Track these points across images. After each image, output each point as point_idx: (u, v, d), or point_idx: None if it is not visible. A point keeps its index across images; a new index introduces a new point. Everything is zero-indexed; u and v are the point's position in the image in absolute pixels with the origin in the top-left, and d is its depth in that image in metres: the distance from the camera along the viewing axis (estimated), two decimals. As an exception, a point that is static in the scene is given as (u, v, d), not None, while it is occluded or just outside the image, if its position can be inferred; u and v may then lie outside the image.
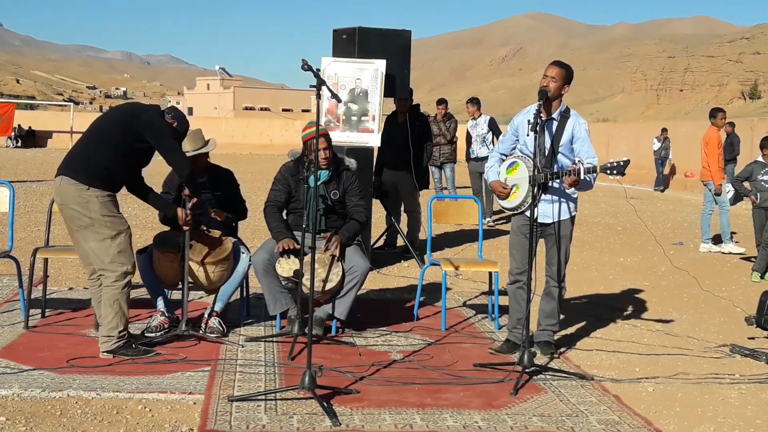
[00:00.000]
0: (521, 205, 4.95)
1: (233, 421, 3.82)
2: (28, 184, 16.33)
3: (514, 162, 5.05)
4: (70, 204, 4.66)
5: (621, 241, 10.43)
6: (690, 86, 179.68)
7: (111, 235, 4.66)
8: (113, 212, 4.71)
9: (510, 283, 5.14)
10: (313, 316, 4.59)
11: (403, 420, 3.92)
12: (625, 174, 4.66)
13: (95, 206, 4.63)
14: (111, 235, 4.66)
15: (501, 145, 5.24)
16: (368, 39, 7.55)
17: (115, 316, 4.69)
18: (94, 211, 4.63)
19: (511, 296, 5.15)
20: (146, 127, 4.75)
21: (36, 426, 3.70)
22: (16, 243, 6.23)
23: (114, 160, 4.71)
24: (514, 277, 5.09)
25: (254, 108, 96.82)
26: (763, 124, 19.71)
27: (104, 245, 4.66)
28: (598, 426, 3.93)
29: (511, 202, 5.02)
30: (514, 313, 5.15)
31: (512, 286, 5.12)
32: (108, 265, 4.67)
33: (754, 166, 8.93)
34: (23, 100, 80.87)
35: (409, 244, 8.50)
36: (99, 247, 4.67)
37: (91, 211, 4.63)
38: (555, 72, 4.89)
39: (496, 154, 5.24)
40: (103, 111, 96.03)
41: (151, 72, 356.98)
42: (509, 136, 5.14)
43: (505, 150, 5.18)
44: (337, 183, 5.41)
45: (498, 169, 5.13)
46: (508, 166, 5.08)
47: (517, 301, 5.11)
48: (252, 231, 9.36)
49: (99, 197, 4.64)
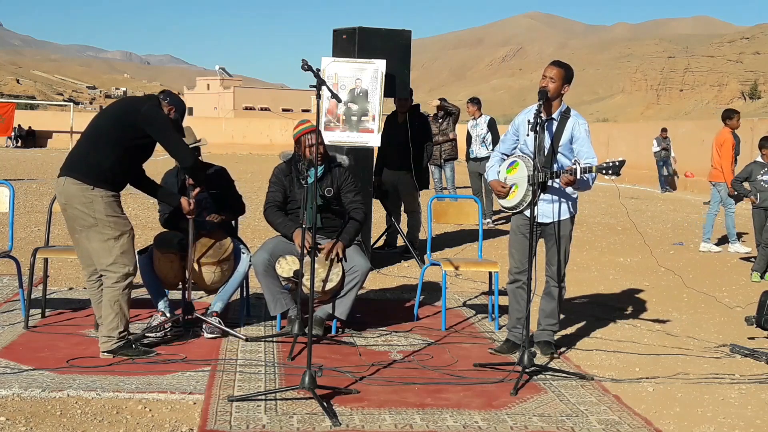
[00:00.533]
0: (520, 204, 4.95)
1: (233, 421, 3.82)
2: (28, 184, 16.33)
3: (514, 161, 5.05)
4: (74, 204, 4.65)
5: (621, 241, 10.43)
6: (690, 86, 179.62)
7: (114, 235, 4.65)
8: (117, 213, 4.70)
9: (510, 282, 5.14)
10: (313, 316, 4.59)
11: (403, 420, 3.92)
12: (620, 174, 4.65)
13: (100, 206, 4.62)
14: (114, 236, 4.65)
15: (502, 145, 5.24)
16: (368, 39, 7.54)
17: (115, 317, 4.68)
18: (98, 211, 4.62)
19: (511, 296, 5.16)
20: (145, 122, 4.72)
21: (36, 426, 3.70)
22: (16, 243, 6.24)
23: (116, 159, 4.70)
24: (514, 277, 5.10)
25: (254, 108, 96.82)
26: (763, 124, 19.71)
27: (107, 246, 4.65)
28: (598, 426, 3.93)
29: (510, 201, 5.03)
30: (513, 312, 5.16)
31: (512, 286, 5.12)
32: (110, 266, 4.66)
33: (753, 166, 8.92)
34: (23, 100, 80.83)
35: (409, 244, 8.50)
36: (102, 248, 4.66)
37: (95, 211, 4.62)
38: (554, 72, 4.89)
39: (497, 153, 5.24)
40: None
41: (151, 72, 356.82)
42: (510, 135, 5.15)
43: (506, 150, 5.19)
44: (330, 180, 5.41)
45: (498, 168, 5.14)
46: (508, 166, 5.09)
47: (517, 300, 5.11)
48: (252, 231, 9.37)
49: (104, 197, 4.63)
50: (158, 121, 4.77)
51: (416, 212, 8.96)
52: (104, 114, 5.03)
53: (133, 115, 4.74)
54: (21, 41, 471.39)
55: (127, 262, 4.68)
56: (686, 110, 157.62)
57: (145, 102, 4.86)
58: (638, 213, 14.33)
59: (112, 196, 4.68)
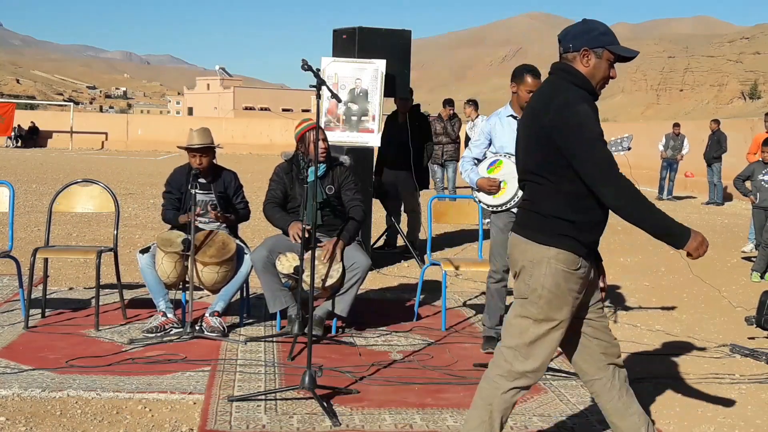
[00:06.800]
0: (511, 201, 4.99)
1: (233, 421, 3.82)
2: (27, 184, 16.33)
3: (495, 160, 5.10)
4: None
5: (621, 240, 10.43)
6: (690, 86, 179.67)
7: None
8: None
9: (495, 281, 5.17)
10: (313, 316, 4.58)
11: (403, 420, 3.92)
12: (631, 148, 4.71)
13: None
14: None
15: (474, 150, 5.26)
16: (368, 39, 7.54)
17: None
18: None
19: (495, 295, 5.18)
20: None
21: (36, 426, 3.70)
22: (16, 243, 6.23)
23: None
24: (501, 275, 5.14)
25: (254, 108, 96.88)
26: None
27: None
28: (599, 426, 3.93)
29: (499, 198, 5.05)
30: (496, 311, 5.19)
31: (497, 285, 5.17)
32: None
33: (755, 165, 8.92)
34: (23, 100, 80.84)
35: (409, 244, 8.50)
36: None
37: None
38: (537, 83, 4.99)
39: (468, 158, 5.26)
40: (103, 111, 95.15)
41: (151, 72, 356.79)
42: (483, 140, 5.21)
43: (478, 154, 5.24)
44: (331, 178, 5.42)
45: (477, 170, 5.17)
46: (489, 166, 5.13)
47: (501, 299, 5.18)
48: (252, 231, 9.36)
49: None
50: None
51: (416, 212, 8.96)
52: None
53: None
54: (21, 41, 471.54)
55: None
56: (686, 110, 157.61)
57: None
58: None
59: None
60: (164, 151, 33.50)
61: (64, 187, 5.97)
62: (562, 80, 3.06)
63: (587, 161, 2.91)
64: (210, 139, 5.46)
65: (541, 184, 3.02)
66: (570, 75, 3.05)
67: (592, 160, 2.91)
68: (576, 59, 3.05)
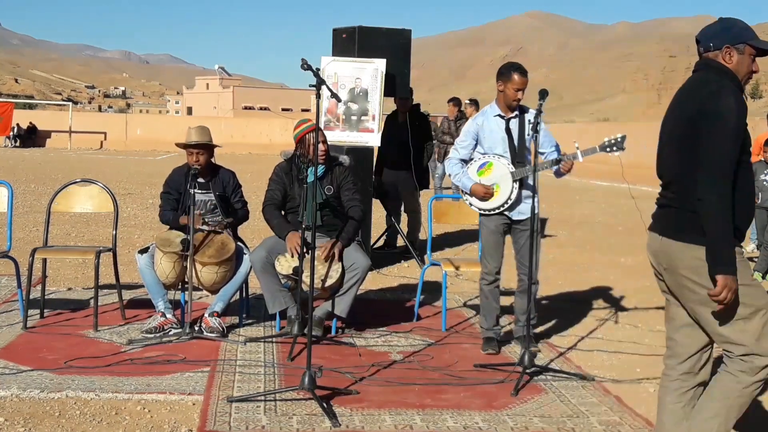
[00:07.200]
0: (506, 203, 4.99)
1: (233, 422, 3.80)
2: (26, 184, 16.31)
3: (486, 162, 5.09)
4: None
5: (621, 241, 10.42)
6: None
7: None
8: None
9: (488, 283, 5.16)
10: (312, 316, 4.57)
11: (403, 421, 3.90)
12: (625, 149, 4.75)
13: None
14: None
15: (461, 151, 5.25)
16: (368, 38, 7.53)
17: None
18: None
19: (489, 296, 5.18)
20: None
21: (35, 427, 3.69)
22: (15, 243, 6.21)
23: None
24: (494, 277, 5.15)
25: (254, 107, 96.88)
26: (764, 123, 19.68)
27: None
28: (599, 427, 3.92)
29: (493, 202, 5.05)
30: (492, 311, 5.18)
31: (490, 286, 5.17)
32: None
33: (757, 165, 8.89)
34: (21, 100, 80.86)
35: (409, 244, 8.49)
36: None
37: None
38: (525, 82, 5.08)
39: (455, 160, 5.24)
40: (101, 110, 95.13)
41: (150, 71, 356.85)
42: (469, 141, 5.19)
43: (464, 156, 5.23)
44: (331, 179, 5.40)
45: (468, 173, 5.15)
46: (479, 168, 5.12)
47: (495, 299, 5.18)
48: (252, 231, 9.34)
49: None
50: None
51: (416, 212, 8.94)
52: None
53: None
54: (20, 40, 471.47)
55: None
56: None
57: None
58: (637, 213, 14.28)
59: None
60: (163, 151, 33.47)
61: (63, 187, 5.95)
62: (710, 73, 3.09)
63: (715, 150, 2.95)
64: (208, 137, 5.45)
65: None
66: (717, 69, 3.08)
67: (720, 150, 2.95)
68: (718, 57, 3.09)
